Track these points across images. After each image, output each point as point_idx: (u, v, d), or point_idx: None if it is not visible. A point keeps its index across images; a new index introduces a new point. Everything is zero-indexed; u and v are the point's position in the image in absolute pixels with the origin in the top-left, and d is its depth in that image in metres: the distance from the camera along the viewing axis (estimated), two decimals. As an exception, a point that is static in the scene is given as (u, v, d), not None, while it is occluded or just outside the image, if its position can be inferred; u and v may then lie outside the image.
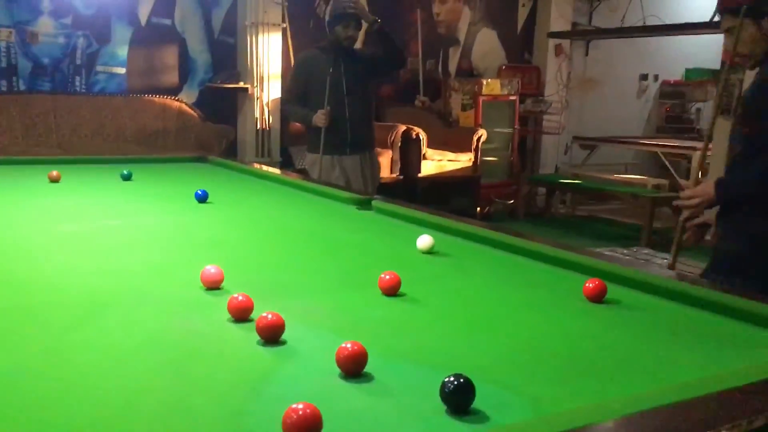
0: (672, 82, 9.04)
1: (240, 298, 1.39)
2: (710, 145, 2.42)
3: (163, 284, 1.64)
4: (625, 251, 5.15)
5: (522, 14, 7.98)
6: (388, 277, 1.59)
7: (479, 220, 4.87)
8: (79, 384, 1.09)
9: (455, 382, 1.02)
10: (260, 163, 4.95)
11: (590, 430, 0.88)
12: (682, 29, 6.74)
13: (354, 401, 1.05)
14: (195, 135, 6.33)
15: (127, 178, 3.20)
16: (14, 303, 1.46)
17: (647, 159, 8.74)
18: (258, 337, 1.28)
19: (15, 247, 1.95)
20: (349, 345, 1.15)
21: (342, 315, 1.46)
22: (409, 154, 6.63)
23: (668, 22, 7.08)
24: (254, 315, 1.37)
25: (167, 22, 6.41)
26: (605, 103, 8.57)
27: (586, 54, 8.34)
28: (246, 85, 6.54)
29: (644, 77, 8.90)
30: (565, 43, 7.98)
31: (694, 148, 7.19)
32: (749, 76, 5.89)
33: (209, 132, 6.33)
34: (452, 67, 7.65)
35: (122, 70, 6.29)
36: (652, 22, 6.86)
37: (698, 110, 9.16)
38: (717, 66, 9.18)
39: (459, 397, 1.01)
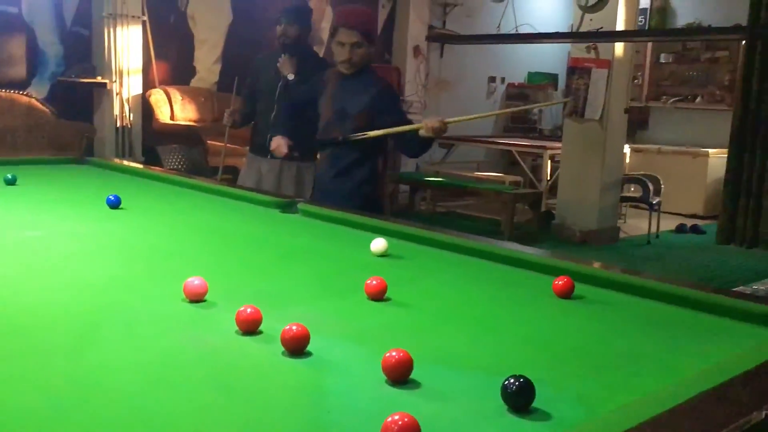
0: (516, 84, 9.64)
1: (249, 310, 1.36)
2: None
3: (143, 298, 1.55)
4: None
5: (382, 16, 8.15)
6: (375, 282, 1.61)
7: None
8: (133, 409, 1.03)
9: (518, 384, 1.08)
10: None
11: (660, 421, 0.98)
12: (547, 38, 7.21)
13: (418, 405, 1.08)
14: (48, 133, 5.89)
15: (11, 182, 2.94)
16: (-5, 327, 1.33)
17: (496, 156, 9.27)
18: (282, 349, 1.27)
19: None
20: (395, 353, 1.18)
21: (344, 322, 1.47)
22: (279, 154, 6.57)
23: (540, 28, 7.56)
24: (262, 327, 1.36)
25: (13, 10, 5.90)
26: (459, 103, 8.95)
27: (441, 56, 8.68)
28: (104, 80, 6.17)
29: (492, 80, 9.41)
30: (423, 45, 8.26)
31: (545, 147, 7.73)
32: (594, 81, 6.39)
33: (64, 130, 5.91)
34: (316, 65, 7.65)
35: (-39, 61, 5.72)
36: (524, 30, 7.29)
37: (540, 111, 9.82)
38: (556, 71, 9.94)
39: (523, 397, 1.08)
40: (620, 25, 6.53)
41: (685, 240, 7.26)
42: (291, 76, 3.75)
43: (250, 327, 1.35)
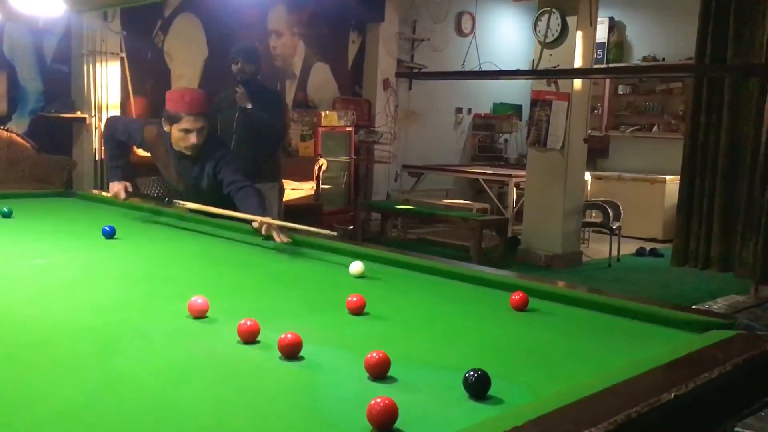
0: (483, 115, 9.99)
1: (249, 322, 1.59)
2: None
3: (151, 316, 1.77)
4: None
5: (352, 50, 8.47)
6: (355, 299, 1.85)
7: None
8: (158, 401, 1.24)
9: (476, 375, 1.32)
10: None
11: (593, 399, 1.22)
12: (512, 75, 7.54)
13: (396, 395, 1.30)
14: (29, 166, 6.05)
15: (7, 215, 3.13)
16: (28, 339, 1.54)
17: (464, 185, 9.58)
18: (278, 355, 1.49)
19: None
20: (375, 353, 1.41)
21: (332, 332, 1.70)
22: (254, 184, 6.79)
23: (499, 64, 7.90)
24: (260, 337, 1.58)
25: (-6, 48, 6.08)
26: (427, 133, 9.30)
27: (410, 89, 9.00)
28: (83, 115, 6.35)
29: (459, 110, 9.75)
30: (392, 78, 8.58)
31: (510, 175, 8.05)
32: (555, 112, 6.71)
33: (45, 163, 6.07)
34: (289, 98, 7.93)
35: (-57, 98, 5.87)
36: (487, 67, 7.65)
37: (506, 141, 10.19)
38: (519, 102, 10.32)
39: (482, 385, 1.31)
40: (578, 61, 6.90)
41: (644, 263, 7.60)
42: (249, 106, 4.30)
43: (250, 337, 1.58)
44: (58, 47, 6.41)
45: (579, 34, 6.87)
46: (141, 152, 6.57)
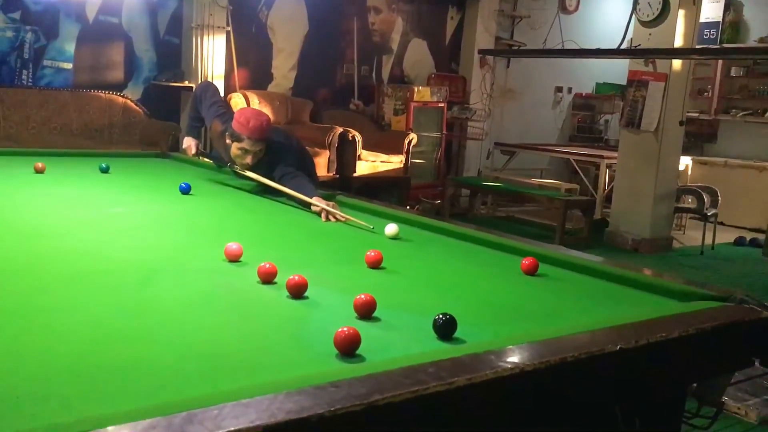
0: (584, 94, 9.84)
1: (267, 265, 1.81)
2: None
3: (194, 257, 2.04)
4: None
5: (450, 27, 8.56)
6: (373, 253, 2.04)
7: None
8: (177, 321, 1.49)
9: (444, 318, 1.48)
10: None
11: (531, 345, 1.37)
12: (593, 54, 7.46)
13: (372, 331, 1.50)
14: (140, 130, 6.58)
15: (105, 171, 3.52)
16: (88, 268, 1.84)
17: (560, 165, 9.50)
18: (287, 294, 1.70)
19: (56, 228, 2.30)
20: (363, 296, 1.60)
21: (343, 280, 1.90)
22: (345, 155, 7.08)
23: (582, 43, 7.81)
24: (277, 279, 1.80)
25: (114, 20, 6.63)
26: (524, 112, 9.27)
27: (508, 66, 9.00)
28: (190, 84, 6.82)
29: (559, 89, 9.65)
30: (490, 55, 8.61)
31: (602, 156, 7.94)
32: (651, 93, 6.56)
33: (154, 128, 6.59)
34: (385, 73, 8.15)
35: (69, 66, 6.48)
36: (569, 45, 7.58)
37: (606, 121, 9.99)
38: (623, 82, 10.06)
39: (447, 328, 1.48)
40: (678, 41, 6.70)
41: (740, 252, 7.33)
42: None
43: (267, 278, 1.80)
44: (171, 20, 6.90)
45: (681, 12, 6.67)
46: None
